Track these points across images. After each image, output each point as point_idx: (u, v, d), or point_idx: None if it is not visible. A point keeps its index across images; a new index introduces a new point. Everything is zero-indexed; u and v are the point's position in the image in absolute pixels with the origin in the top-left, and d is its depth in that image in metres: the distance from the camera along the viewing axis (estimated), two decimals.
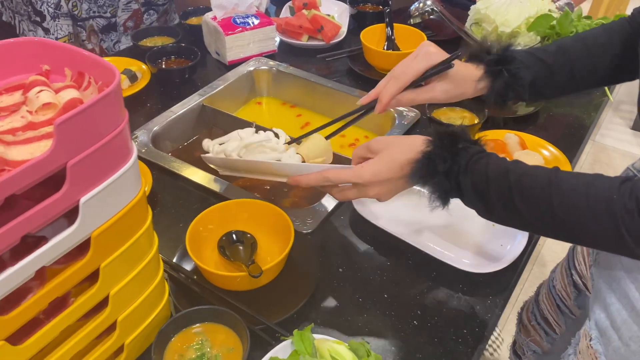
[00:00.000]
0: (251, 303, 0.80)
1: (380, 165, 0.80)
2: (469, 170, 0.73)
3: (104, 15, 1.57)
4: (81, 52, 0.62)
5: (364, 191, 0.82)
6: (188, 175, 1.05)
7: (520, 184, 0.69)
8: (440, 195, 0.76)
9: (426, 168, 0.75)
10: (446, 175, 0.74)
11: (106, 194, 0.59)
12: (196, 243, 0.84)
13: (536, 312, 1.20)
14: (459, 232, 0.94)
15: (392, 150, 0.81)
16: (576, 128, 1.23)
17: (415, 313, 0.82)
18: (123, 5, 1.59)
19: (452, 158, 0.74)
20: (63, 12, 1.51)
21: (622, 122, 3.14)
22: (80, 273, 0.61)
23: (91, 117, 0.54)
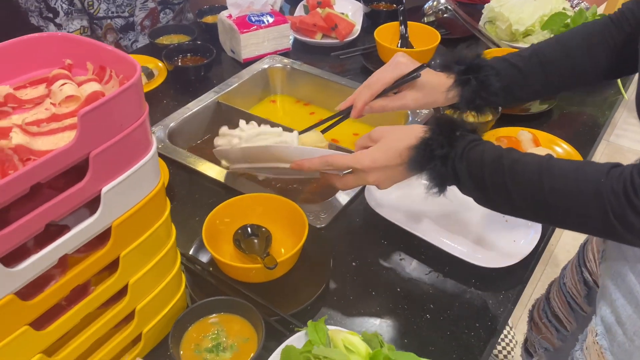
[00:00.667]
0: (266, 295, 0.81)
1: (379, 152, 0.82)
2: (464, 157, 0.74)
3: (122, 15, 1.60)
4: (103, 46, 0.63)
5: (363, 177, 0.84)
6: (203, 171, 1.06)
7: (513, 169, 0.71)
8: (437, 181, 0.77)
9: (423, 153, 0.77)
10: (443, 161, 0.75)
11: (127, 184, 0.60)
12: (212, 236, 0.86)
13: (547, 310, 1.20)
14: (471, 227, 0.94)
15: (391, 137, 0.82)
16: (590, 126, 1.23)
17: (427, 307, 0.83)
18: (140, 4, 1.61)
19: (449, 144, 0.75)
20: (77, 8, 1.53)
21: (637, 123, 3.10)
22: (100, 262, 0.62)
23: (113, 109, 0.56)
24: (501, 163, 0.71)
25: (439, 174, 0.76)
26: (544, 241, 0.93)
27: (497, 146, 0.75)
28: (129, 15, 1.61)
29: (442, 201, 0.97)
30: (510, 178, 0.70)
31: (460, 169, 0.74)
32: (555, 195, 0.67)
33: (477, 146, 0.75)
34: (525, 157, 0.72)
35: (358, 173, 0.84)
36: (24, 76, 0.64)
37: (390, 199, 0.98)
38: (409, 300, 0.84)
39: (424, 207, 0.97)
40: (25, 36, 0.64)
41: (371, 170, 0.82)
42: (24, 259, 0.54)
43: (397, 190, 0.99)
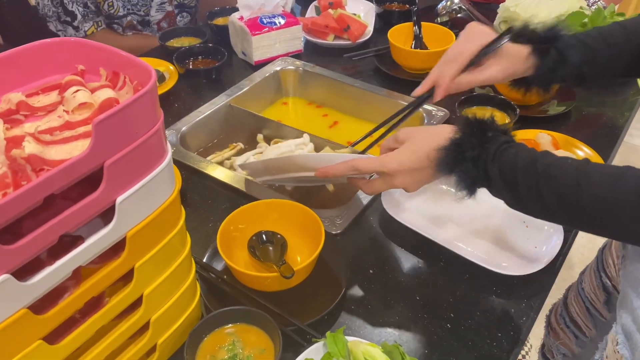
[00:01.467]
0: (281, 304, 0.79)
1: (405, 154, 0.79)
2: (497, 159, 0.71)
3: (137, 13, 1.61)
4: (116, 51, 0.62)
5: (390, 181, 0.81)
6: (216, 175, 1.05)
7: (548, 173, 0.68)
8: (467, 184, 0.74)
9: (453, 155, 0.74)
10: (474, 163, 0.73)
11: (142, 193, 0.59)
12: (226, 243, 0.84)
13: (565, 315, 1.18)
14: (491, 232, 0.92)
15: (418, 138, 0.80)
16: (610, 128, 1.20)
17: (448, 315, 0.80)
18: (157, 6, 1.62)
19: (480, 145, 0.73)
20: (91, 10, 1.53)
21: None
22: (115, 273, 0.61)
23: (128, 116, 0.54)
24: (535, 167, 0.69)
25: (470, 176, 0.73)
26: (566, 247, 0.90)
27: (530, 149, 0.72)
28: (144, 14, 1.62)
29: (461, 206, 0.95)
30: (544, 183, 0.68)
31: (493, 171, 0.71)
32: (593, 202, 0.65)
33: (510, 148, 0.72)
34: (560, 161, 0.69)
35: (385, 177, 0.82)
36: (36, 83, 0.63)
37: (407, 203, 0.96)
38: (429, 308, 0.81)
39: (443, 212, 0.95)
40: (36, 42, 0.62)
41: (398, 173, 0.79)
42: (37, 271, 0.52)
43: (414, 195, 0.97)
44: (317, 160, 0.86)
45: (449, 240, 0.89)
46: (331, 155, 0.87)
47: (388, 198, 0.95)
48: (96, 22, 1.58)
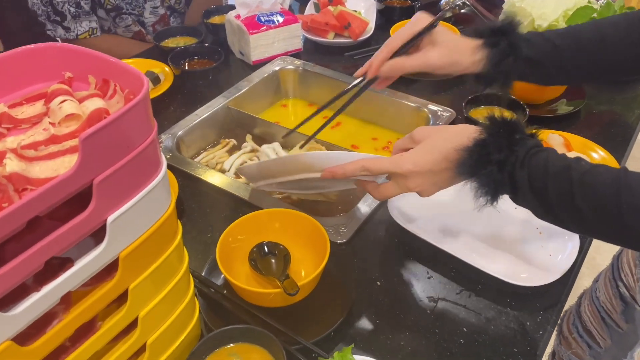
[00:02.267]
0: (285, 320, 0.75)
1: (422, 154, 0.73)
2: (526, 163, 0.65)
3: (132, 12, 1.58)
4: (105, 58, 0.57)
5: (403, 184, 0.75)
6: (214, 182, 1.00)
7: (584, 182, 0.62)
8: (490, 189, 0.68)
9: (477, 156, 0.67)
10: (500, 167, 0.66)
11: (135, 211, 0.54)
12: (226, 255, 0.80)
13: (578, 324, 1.13)
14: (503, 241, 0.88)
15: (436, 137, 0.73)
16: (622, 127, 1.16)
17: (460, 330, 0.77)
18: (151, 9, 1.60)
19: (508, 148, 0.66)
20: (84, 10, 1.49)
21: None
22: (108, 296, 0.56)
23: (118, 129, 0.50)
24: (569, 175, 0.63)
25: (494, 181, 0.67)
26: (581, 254, 0.86)
27: (562, 155, 0.67)
28: (138, 14, 1.59)
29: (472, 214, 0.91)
30: (580, 193, 0.62)
31: (521, 177, 0.65)
32: (636, 215, 0.59)
33: (540, 153, 0.66)
34: (597, 169, 0.63)
35: (397, 179, 0.75)
36: (20, 92, 0.58)
37: (415, 210, 0.91)
38: (441, 323, 0.77)
39: (452, 219, 0.91)
40: (20, 48, 0.58)
41: (413, 175, 0.73)
42: (21, 299, 0.48)
43: (421, 201, 0.93)
44: (324, 160, 0.80)
45: (459, 249, 0.84)
46: (340, 153, 0.80)
47: (395, 205, 0.91)
48: (92, 28, 1.54)
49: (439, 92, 1.26)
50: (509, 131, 0.68)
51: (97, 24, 1.56)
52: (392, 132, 1.24)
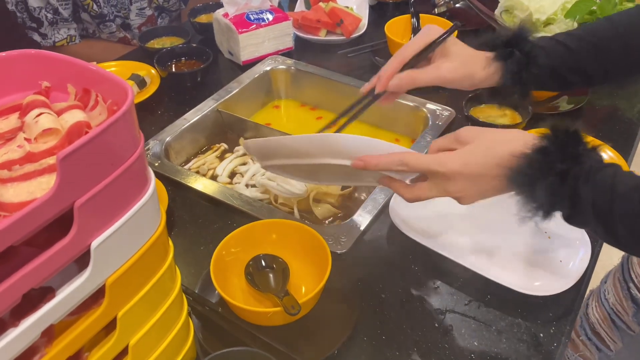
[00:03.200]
0: (285, 339, 0.71)
1: (472, 154, 0.66)
2: (591, 178, 0.59)
3: (118, 15, 1.53)
4: (86, 65, 0.53)
5: (443, 186, 0.68)
6: (206, 190, 0.95)
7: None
8: (546, 203, 0.61)
9: (538, 165, 0.61)
10: (562, 179, 0.60)
11: (122, 233, 0.49)
12: (221, 271, 0.75)
13: (586, 326, 1.10)
14: (511, 247, 0.84)
15: (488, 139, 0.66)
16: (626, 123, 1.13)
17: (471, 344, 0.72)
18: (137, 10, 1.55)
19: (573, 159, 0.60)
20: (63, 17, 1.44)
21: None
22: (94, 326, 0.52)
23: (101, 145, 0.45)
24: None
25: (553, 194, 0.61)
26: (593, 259, 0.82)
27: (631, 173, 0.61)
28: (124, 17, 1.54)
29: (478, 220, 0.87)
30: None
31: (584, 193, 0.60)
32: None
33: (606, 168, 0.60)
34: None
35: (437, 180, 0.68)
36: None
37: (417, 217, 0.87)
38: (450, 337, 0.73)
39: (456, 226, 0.87)
40: None
41: (458, 177, 0.66)
42: None
43: (425, 208, 0.89)
44: (359, 145, 0.69)
45: (465, 257, 0.80)
46: (378, 142, 0.70)
47: (397, 211, 0.87)
48: (70, 35, 1.49)
49: (437, 90, 1.21)
50: (574, 140, 0.62)
51: (77, 32, 1.51)
52: (390, 133, 1.20)
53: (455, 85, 0.84)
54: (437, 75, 0.82)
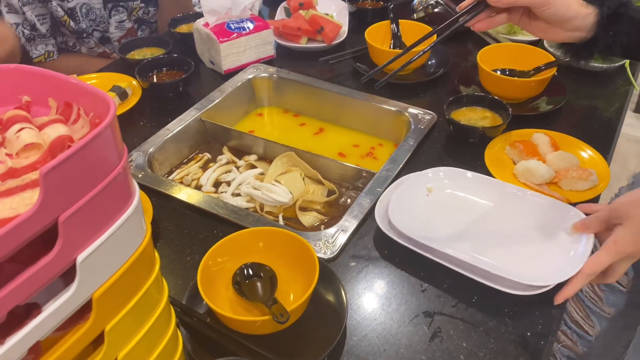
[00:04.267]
0: (274, 347, 0.71)
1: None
2: None
3: (97, 29, 1.52)
4: (67, 79, 0.52)
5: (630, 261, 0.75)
6: (191, 200, 0.95)
7: None
8: None
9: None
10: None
11: (107, 247, 0.49)
12: (208, 281, 0.75)
13: (565, 316, 1.12)
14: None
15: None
16: (604, 122, 1.15)
17: (460, 345, 0.73)
18: (116, 23, 1.54)
19: None
20: (40, 33, 1.43)
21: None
22: (82, 341, 0.51)
23: (84, 159, 0.45)
24: None
25: None
26: None
27: None
28: (103, 30, 1.54)
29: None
30: None
31: None
32: None
33: None
34: None
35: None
36: None
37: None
38: (439, 339, 0.74)
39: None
40: None
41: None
42: None
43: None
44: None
45: (452, 259, 0.81)
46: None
47: (382, 216, 0.87)
48: (48, 51, 1.48)
49: (419, 95, 1.23)
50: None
51: (55, 47, 1.50)
52: (374, 138, 1.20)
53: (551, 13, 0.80)
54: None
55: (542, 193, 0.91)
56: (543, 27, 0.84)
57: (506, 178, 0.94)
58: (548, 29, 0.83)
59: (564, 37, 0.84)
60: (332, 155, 1.13)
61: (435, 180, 0.94)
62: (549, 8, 0.80)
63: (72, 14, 1.47)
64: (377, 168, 1.01)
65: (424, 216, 0.89)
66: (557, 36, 0.84)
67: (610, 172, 0.96)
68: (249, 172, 1.08)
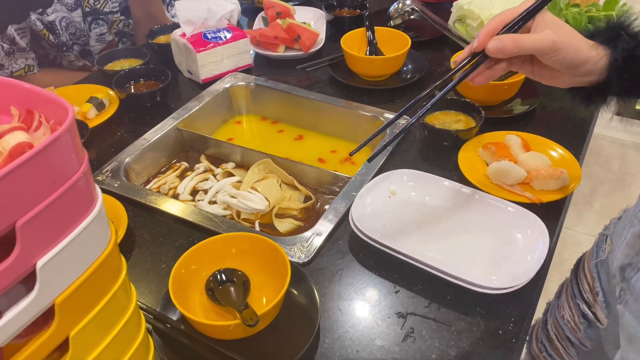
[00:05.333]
0: (248, 352, 0.71)
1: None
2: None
3: (77, 42, 1.53)
4: (29, 87, 0.53)
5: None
6: (167, 209, 0.95)
7: None
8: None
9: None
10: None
11: (68, 252, 0.49)
12: (181, 288, 0.75)
13: (545, 343, 1.10)
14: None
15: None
16: (577, 122, 1.16)
17: (432, 345, 0.73)
18: (97, 36, 1.55)
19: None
20: (20, 47, 1.43)
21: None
22: (45, 347, 0.51)
23: (42, 163, 0.45)
24: None
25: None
26: (549, 255, 0.84)
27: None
28: (83, 44, 1.54)
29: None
30: None
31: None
32: None
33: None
34: None
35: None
36: None
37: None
38: (412, 339, 0.74)
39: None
40: None
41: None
42: None
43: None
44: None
45: (424, 260, 0.81)
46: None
47: (357, 219, 0.88)
48: (28, 65, 1.48)
49: (394, 100, 1.25)
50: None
51: (35, 61, 1.50)
52: (351, 143, 1.21)
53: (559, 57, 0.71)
54: (544, 38, 0.70)
55: (514, 194, 0.92)
56: (549, 74, 0.75)
57: (479, 180, 0.95)
58: (556, 76, 0.75)
59: (573, 83, 0.76)
60: (312, 161, 1.14)
61: (398, 183, 0.95)
62: (556, 55, 0.70)
63: (52, 28, 1.47)
64: (354, 173, 1.02)
65: (396, 220, 0.90)
66: (565, 83, 0.76)
67: (581, 170, 0.97)
68: (226, 180, 1.09)
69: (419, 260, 0.80)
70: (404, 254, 0.81)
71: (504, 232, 0.86)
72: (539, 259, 0.80)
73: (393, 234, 0.87)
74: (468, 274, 0.78)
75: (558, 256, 2.08)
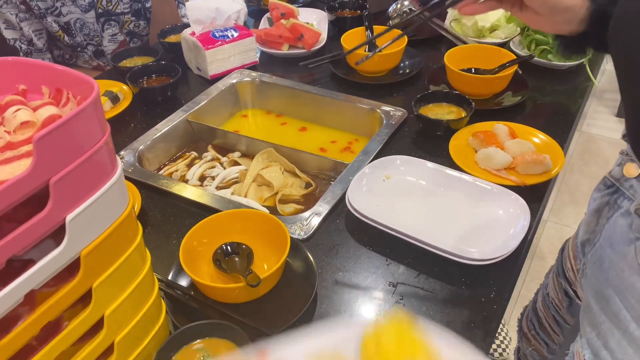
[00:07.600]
0: (251, 315, 0.78)
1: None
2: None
3: (91, 43, 1.61)
4: (58, 68, 0.60)
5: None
6: (177, 192, 1.03)
7: None
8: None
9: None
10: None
11: (93, 210, 0.57)
12: (191, 258, 0.82)
13: (534, 321, 1.15)
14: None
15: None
16: (564, 114, 1.22)
17: (420, 310, 0.80)
18: (109, 37, 1.63)
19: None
20: (37, 47, 1.52)
21: (607, 110, 3.16)
22: (71, 295, 0.58)
23: (71, 131, 0.52)
24: None
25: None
26: (532, 230, 0.91)
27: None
28: (97, 44, 1.62)
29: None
30: None
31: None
32: None
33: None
34: None
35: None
36: None
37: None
38: (401, 305, 0.81)
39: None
40: None
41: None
42: None
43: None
44: None
45: (414, 236, 0.88)
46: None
47: (352, 199, 0.95)
48: None
49: (391, 94, 1.31)
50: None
51: (51, 61, 1.59)
52: (350, 134, 1.28)
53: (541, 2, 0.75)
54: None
55: (500, 177, 0.98)
56: (532, 16, 0.79)
57: (468, 165, 1.02)
58: (537, 19, 0.79)
59: (554, 29, 0.80)
60: (314, 151, 1.21)
61: (392, 168, 1.01)
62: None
63: (67, 29, 1.56)
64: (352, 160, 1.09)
65: (389, 200, 0.97)
66: (546, 27, 0.81)
67: (564, 156, 1.03)
68: (233, 169, 1.16)
69: (409, 235, 0.87)
70: (396, 229, 0.88)
71: (488, 209, 0.92)
72: (520, 233, 0.86)
73: (386, 213, 0.94)
74: (454, 247, 0.85)
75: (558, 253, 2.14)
